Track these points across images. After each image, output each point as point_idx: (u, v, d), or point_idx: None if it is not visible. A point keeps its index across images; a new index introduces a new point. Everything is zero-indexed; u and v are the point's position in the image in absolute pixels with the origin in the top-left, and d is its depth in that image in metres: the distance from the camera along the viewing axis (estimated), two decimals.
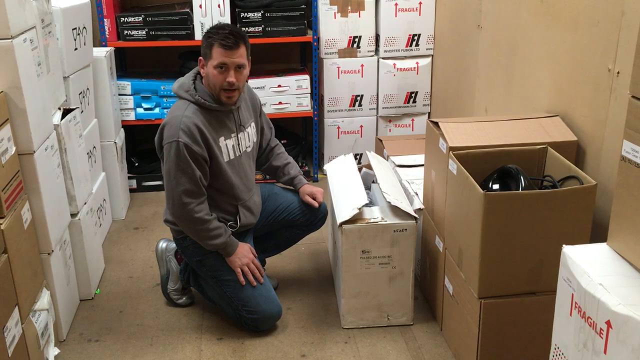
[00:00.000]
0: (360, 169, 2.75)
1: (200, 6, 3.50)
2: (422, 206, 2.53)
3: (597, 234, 1.91)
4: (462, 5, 3.24)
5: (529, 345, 1.99)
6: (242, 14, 3.56)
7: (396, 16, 3.70)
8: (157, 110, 3.64)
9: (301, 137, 4.15)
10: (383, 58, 3.78)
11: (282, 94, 3.72)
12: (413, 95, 3.87)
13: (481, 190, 1.84)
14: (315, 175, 3.91)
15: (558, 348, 1.44)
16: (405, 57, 3.80)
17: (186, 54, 3.71)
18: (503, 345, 2.00)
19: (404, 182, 2.74)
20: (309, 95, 3.76)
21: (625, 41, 1.85)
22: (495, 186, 2.02)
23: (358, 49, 3.75)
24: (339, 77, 3.77)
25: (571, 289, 1.35)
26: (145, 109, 3.64)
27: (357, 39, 3.72)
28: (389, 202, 2.29)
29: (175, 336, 2.39)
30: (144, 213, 3.48)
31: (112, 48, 3.44)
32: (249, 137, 2.41)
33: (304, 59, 4.11)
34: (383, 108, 3.89)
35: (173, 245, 2.55)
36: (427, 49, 3.79)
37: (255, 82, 3.64)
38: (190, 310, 2.55)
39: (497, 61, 2.77)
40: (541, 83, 2.39)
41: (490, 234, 1.86)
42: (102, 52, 3.23)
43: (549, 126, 2.18)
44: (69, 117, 2.48)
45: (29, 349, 1.98)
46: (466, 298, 2.05)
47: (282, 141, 2.71)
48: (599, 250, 1.39)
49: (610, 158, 1.96)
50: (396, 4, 3.67)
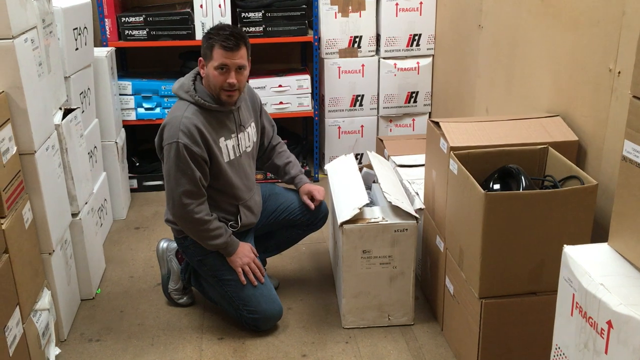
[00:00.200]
0: (361, 169, 2.75)
1: (201, 6, 3.50)
2: (422, 206, 2.53)
3: (598, 234, 1.91)
4: (462, 5, 3.24)
5: (529, 345, 1.99)
6: (243, 14, 3.56)
7: (397, 16, 3.69)
8: (158, 110, 3.64)
9: (302, 137, 4.15)
10: (384, 58, 3.78)
11: (283, 93, 3.72)
12: (414, 95, 3.87)
13: (482, 190, 1.84)
14: (316, 175, 3.91)
15: (559, 348, 1.44)
16: (406, 57, 3.80)
17: (187, 54, 3.71)
18: (504, 345, 2.00)
19: (404, 182, 2.74)
20: (309, 95, 3.76)
21: (626, 41, 1.85)
22: (496, 186, 2.01)
23: (359, 49, 3.74)
24: (339, 77, 3.77)
25: (572, 289, 1.35)
26: (146, 109, 3.64)
27: (357, 39, 3.72)
28: (390, 202, 2.29)
29: (176, 336, 2.39)
30: (144, 213, 3.48)
31: (113, 48, 3.44)
32: (249, 137, 2.41)
33: (305, 58, 4.11)
34: (384, 108, 3.89)
35: (174, 245, 2.55)
36: (427, 49, 3.79)
37: (256, 82, 3.64)
38: (191, 310, 2.56)
39: (498, 61, 2.77)
40: (542, 83, 2.38)
41: (491, 234, 1.86)
42: (103, 52, 3.23)
43: (549, 126, 2.18)
44: (70, 117, 2.48)
45: (29, 349, 1.98)
46: (467, 298, 2.05)
47: (283, 141, 2.71)
48: (600, 250, 1.39)
49: (611, 158, 1.96)
50: (397, 4, 3.67)
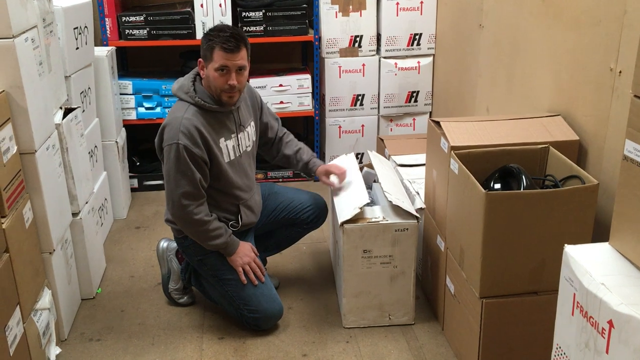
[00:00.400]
0: (361, 169, 2.75)
1: (202, 5, 3.50)
2: (423, 206, 2.53)
3: (599, 233, 1.91)
4: (463, 4, 3.24)
5: (530, 345, 1.99)
6: (244, 14, 3.56)
7: (397, 15, 3.69)
8: (158, 109, 3.64)
9: (302, 137, 4.15)
10: (384, 57, 3.77)
11: (284, 93, 3.72)
12: (414, 94, 3.86)
13: (483, 189, 1.84)
14: None
15: (560, 348, 1.44)
16: (406, 57, 3.79)
17: (187, 54, 3.71)
18: (505, 345, 2.00)
19: (405, 182, 2.74)
20: (310, 94, 3.76)
21: (627, 40, 1.84)
22: (497, 186, 2.01)
23: (359, 49, 3.74)
24: (340, 77, 3.77)
25: (573, 288, 1.35)
26: (147, 109, 3.64)
27: (358, 39, 3.72)
28: (391, 202, 2.29)
29: (176, 335, 2.39)
30: (145, 212, 3.48)
31: (114, 47, 3.44)
32: (248, 136, 2.41)
33: (305, 58, 4.11)
34: (384, 107, 3.88)
35: (174, 244, 2.55)
36: (428, 49, 3.79)
37: (257, 82, 3.64)
38: (191, 309, 2.56)
39: (499, 60, 2.77)
40: (543, 82, 2.38)
41: (492, 233, 1.86)
42: (104, 52, 3.23)
43: (550, 125, 2.18)
44: (70, 116, 2.48)
45: (30, 348, 1.98)
46: (468, 298, 2.05)
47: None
48: (601, 250, 1.39)
49: (612, 157, 1.96)
50: (397, 3, 3.67)
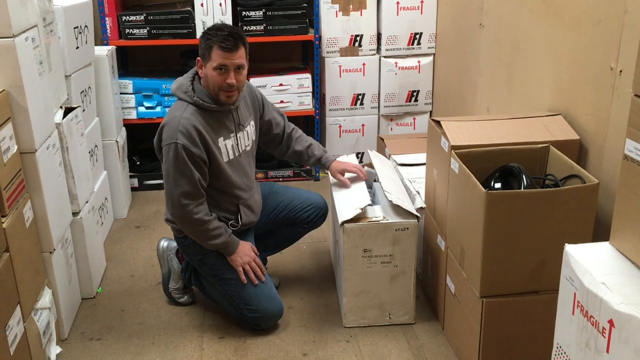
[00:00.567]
0: None
1: (202, 5, 3.49)
2: (423, 205, 2.53)
3: (599, 232, 1.91)
4: (463, 3, 3.24)
5: (531, 344, 1.99)
6: (244, 13, 3.55)
7: (398, 15, 3.69)
8: (158, 109, 3.64)
9: None
10: (385, 57, 3.77)
11: (284, 92, 3.72)
12: (415, 94, 3.86)
13: (483, 189, 1.84)
14: (317, 174, 3.91)
15: (560, 347, 1.44)
16: (406, 56, 3.79)
17: (188, 53, 3.71)
18: (505, 344, 2.00)
19: (405, 181, 2.74)
20: (310, 94, 3.76)
21: (627, 39, 1.84)
22: (497, 185, 2.01)
23: (360, 48, 3.74)
24: (340, 76, 3.77)
25: (573, 288, 1.35)
26: (147, 108, 3.64)
27: (358, 38, 3.72)
28: (391, 201, 2.29)
29: (176, 335, 2.39)
30: (145, 212, 3.48)
31: (114, 47, 3.44)
32: (248, 136, 2.41)
33: (306, 57, 4.11)
34: (385, 107, 3.88)
35: (174, 244, 2.55)
36: (428, 48, 3.79)
37: (257, 81, 3.64)
38: (191, 309, 2.55)
39: (499, 60, 2.77)
40: (543, 82, 2.38)
41: (492, 232, 1.86)
42: (104, 51, 3.23)
43: (551, 125, 2.18)
44: (70, 115, 2.48)
45: (30, 348, 1.98)
46: (468, 297, 2.05)
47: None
48: (602, 249, 1.39)
49: (612, 157, 1.95)
50: (398, 3, 3.67)
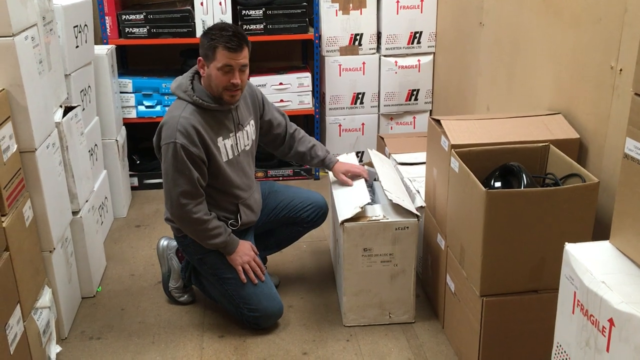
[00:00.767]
0: None
1: (202, 4, 3.49)
2: (423, 204, 2.53)
3: (599, 231, 1.91)
4: (463, 2, 3.23)
5: (531, 343, 1.99)
6: (244, 12, 3.55)
7: (398, 13, 3.69)
8: (158, 108, 3.64)
9: None
10: (385, 56, 3.77)
11: (284, 91, 3.72)
12: (415, 92, 3.86)
13: (483, 188, 1.84)
14: (317, 173, 3.91)
15: (560, 346, 1.44)
16: (406, 55, 3.79)
17: (187, 52, 3.70)
18: (505, 343, 2.00)
19: (405, 180, 2.74)
20: (310, 93, 3.76)
21: (628, 38, 1.84)
22: (497, 184, 2.01)
23: (359, 47, 3.74)
24: (340, 75, 3.77)
25: (573, 287, 1.34)
26: (147, 107, 3.64)
27: (358, 37, 3.72)
28: (391, 200, 2.29)
29: (177, 334, 2.39)
30: (145, 211, 3.48)
31: (114, 46, 3.43)
32: (247, 135, 2.41)
33: (306, 56, 4.10)
34: (385, 106, 3.88)
35: (174, 243, 2.55)
36: (428, 47, 3.78)
37: (257, 80, 3.63)
38: (191, 308, 2.56)
39: (499, 59, 2.76)
40: (543, 80, 2.38)
41: (492, 231, 1.86)
42: (104, 50, 3.23)
43: (551, 124, 2.18)
44: (70, 114, 2.48)
45: (30, 347, 1.98)
46: (468, 296, 2.05)
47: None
48: (602, 248, 1.39)
49: (612, 155, 1.95)
50: (398, 1, 3.67)
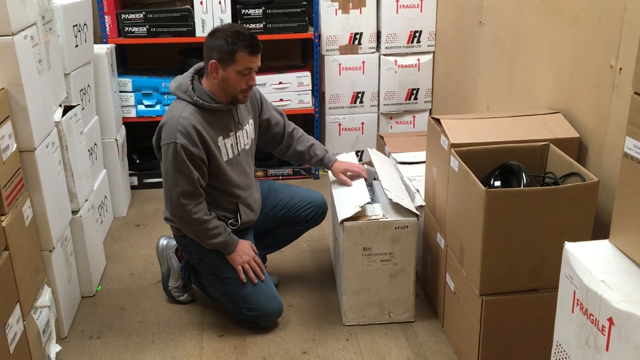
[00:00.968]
0: None
1: (201, 3, 3.49)
2: (423, 203, 2.53)
3: (599, 231, 1.91)
4: (463, 1, 3.23)
5: (530, 342, 1.99)
6: (243, 11, 3.55)
7: (397, 13, 3.69)
8: (158, 107, 3.64)
9: None
10: (384, 55, 3.77)
11: (283, 90, 3.72)
12: (414, 92, 3.86)
13: (483, 187, 1.84)
14: (317, 172, 3.91)
15: (560, 345, 1.44)
16: (406, 54, 3.79)
17: (187, 51, 3.70)
18: (504, 342, 2.00)
19: (405, 179, 2.74)
20: (310, 92, 3.76)
21: (627, 37, 1.84)
22: (497, 183, 2.01)
23: (359, 46, 3.74)
24: (340, 74, 3.77)
25: (573, 286, 1.34)
26: (147, 106, 3.63)
27: (358, 36, 3.72)
28: (391, 199, 2.29)
29: (176, 333, 2.39)
30: (145, 210, 3.48)
31: (113, 45, 3.43)
32: (247, 134, 2.41)
33: (305, 55, 4.10)
34: (384, 105, 3.88)
35: (174, 242, 2.55)
36: (428, 46, 3.78)
37: (257, 79, 3.60)
38: (191, 307, 2.56)
39: (499, 58, 2.76)
40: (543, 79, 2.38)
41: (492, 230, 1.86)
42: (103, 49, 3.23)
43: (550, 123, 2.17)
44: (69, 114, 2.48)
45: (30, 346, 1.98)
46: (468, 295, 2.05)
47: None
48: (601, 247, 1.39)
49: (612, 155, 1.95)
50: (397, 0, 3.66)
